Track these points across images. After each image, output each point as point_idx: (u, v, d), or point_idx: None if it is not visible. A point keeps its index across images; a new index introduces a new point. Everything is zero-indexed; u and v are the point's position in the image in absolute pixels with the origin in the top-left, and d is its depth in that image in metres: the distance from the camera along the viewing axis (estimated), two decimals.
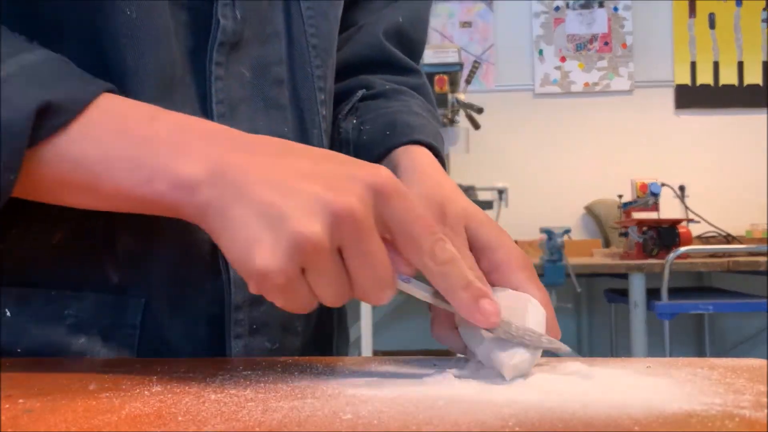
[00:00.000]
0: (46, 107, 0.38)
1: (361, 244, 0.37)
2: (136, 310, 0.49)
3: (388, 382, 0.37)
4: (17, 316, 0.47)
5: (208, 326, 0.51)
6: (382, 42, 0.69)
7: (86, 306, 0.48)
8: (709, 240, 2.73)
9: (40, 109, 0.38)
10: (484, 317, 0.39)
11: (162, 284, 0.49)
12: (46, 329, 0.47)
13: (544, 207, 3.14)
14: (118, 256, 0.49)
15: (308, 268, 0.37)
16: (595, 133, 3.24)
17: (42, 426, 0.29)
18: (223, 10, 0.51)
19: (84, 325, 0.48)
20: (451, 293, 0.39)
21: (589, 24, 3.27)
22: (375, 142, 0.60)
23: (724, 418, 0.29)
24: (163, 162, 0.39)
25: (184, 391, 0.36)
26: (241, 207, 0.37)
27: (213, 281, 0.51)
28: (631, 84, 3.25)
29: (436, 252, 0.38)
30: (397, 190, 0.38)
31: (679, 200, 2.84)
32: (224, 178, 0.38)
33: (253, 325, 0.52)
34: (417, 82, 0.70)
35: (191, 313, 0.50)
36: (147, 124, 0.41)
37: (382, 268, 0.38)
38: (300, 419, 0.30)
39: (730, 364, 0.41)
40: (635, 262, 2.33)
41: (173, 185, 0.39)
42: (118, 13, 0.46)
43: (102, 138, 0.40)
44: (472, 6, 3.29)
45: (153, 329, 0.49)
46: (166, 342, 0.49)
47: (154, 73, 0.47)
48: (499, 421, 0.28)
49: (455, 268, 0.39)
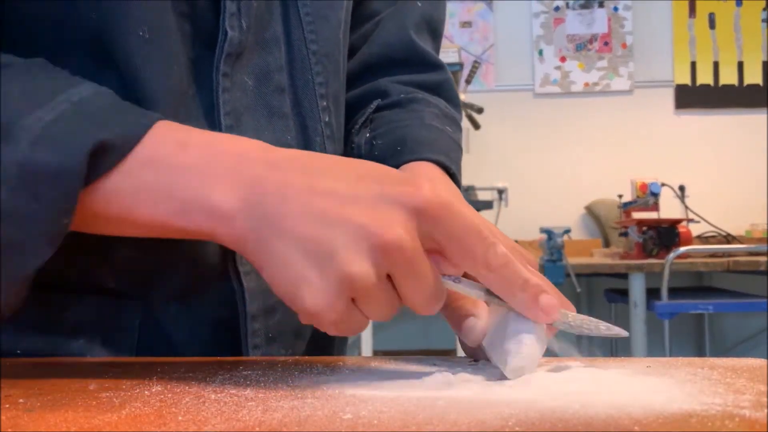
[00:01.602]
0: (99, 147, 0.37)
1: (412, 272, 0.37)
2: (135, 314, 0.49)
3: (388, 382, 0.37)
4: (17, 318, 0.47)
5: (214, 330, 0.51)
6: (411, 38, 0.67)
7: (86, 309, 0.48)
8: (709, 240, 2.74)
9: (94, 151, 0.37)
10: (545, 313, 0.39)
11: (166, 288, 0.49)
12: (46, 330, 0.47)
13: (544, 207, 3.14)
14: (119, 260, 0.48)
15: (358, 300, 0.37)
16: (595, 133, 3.24)
17: (42, 426, 0.29)
18: (231, 20, 0.50)
19: (83, 327, 0.48)
20: (510, 296, 0.39)
21: (589, 24, 3.27)
22: (385, 159, 0.59)
23: (724, 418, 0.29)
24: (195, 193, 0.38)
25: (184, 391, 0.36)
26: (282, 242, 0.36)
27: (220, 285, 0.51)
28: (631, 84, 3.25)
29: (490, 259, 0.38)
30: (442, 207, 0.37)
31: (679, 200, 2.85)
32: (261, 208, 0.37)
33: (269, 334, 0.52)
34: (440, 79, 0.68)
35: (196, 316, 0.50)
36: (178, 151, 0.39)
37: (433, 285, 0.38)
38: (300, 419, 0.30)
39: (730, 364, 0.41)
40: (635, 262, 2.33)
41: (208, 216, 0.38)
42: (133, 35, 0.45)
43: (134, 169, 0.39)
44: (472, 6, 3.29)
45: (153, 333, 0.49)
46: (166, 345, 0.49)
47: (166, 90, 0.46)
48: (499, 421, 0.28)
49: (510, 271, 0.38)
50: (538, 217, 2.94)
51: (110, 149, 0.38)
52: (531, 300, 0.39)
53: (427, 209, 0.37)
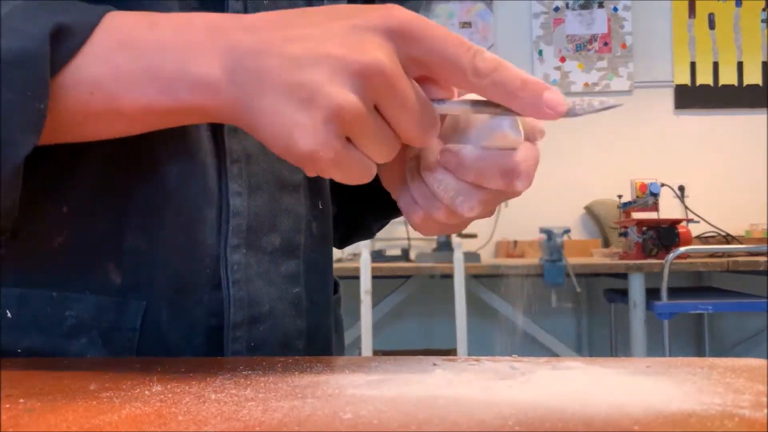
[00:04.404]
0: (58, 30, 0.37)
1: (396, 95, 0.36)
2: (136, 314, 0.49)
3: (388, 382, 0.37)
4: (18, 316, 0.47)
5: (207, 335, 0.51)
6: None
7: (87, 308, 0.48)
8: (709, 240, 2.74)
9: (54, 33, 0.37)
10: (552, 109, 0.37)
11: (163, 290, 0.49)
12: (47, 330, 0.47)
13: (544, 207, 3.14)
14: (119, 261, 0.48)
15: (352, 135, 0.37)
16: (595, 133, 3.24)
17: (42, 426, 0.29)
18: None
19: (84, 326, 0.48)
20: (510, 99, 0.37)
21: (588, 24, 3.27)
22: None
23: (724, 418, 0.29)
24: (175, 67, 0.38)
25: (184, 391, 0.36)
26: (268, 97, 0.36)
27: (213, 292, 0.51)
28: (630, 84, 3.25)
29: (478, 65, 0.37)
30: (416, 23, 0.36)
31: (678, 200, 2.85)
32: (241, 71, 0.37)
33: (251, 343, 0.52)
34: None
35: (190, 320, 0.50)
36: (149, 31, 0.39)
37: (421, 109, 0.37)
38: (300, 419, 0.30)
39: (730, 364, 0.41)
40: (635, 262, 2.33)
41: (193, 89, 0.38)
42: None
43: (109, 55, 0.39)
44: (472, 6, 3.29)
45: (153, 333, 0.49)
46: (165, 346, 0.49)
47: None
48: (499, 421, 0.28)
49: (504, 73, 0.37)
50: (537, 217, 2.94)
51: (70, 32, 0.38)
52: (535, 98, 0.37)
53: (402, 28, 0.36)
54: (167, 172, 0.48)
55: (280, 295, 0.54)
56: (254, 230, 0.52)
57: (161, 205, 0.49)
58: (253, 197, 0.52)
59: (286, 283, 0.55)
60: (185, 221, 0.49)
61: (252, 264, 0.52)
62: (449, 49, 0.37)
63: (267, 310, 0.53)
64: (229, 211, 0.50)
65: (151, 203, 0.48)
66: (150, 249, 0.49)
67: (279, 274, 0.54)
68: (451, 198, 0.41)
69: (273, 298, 0.53)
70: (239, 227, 0.51)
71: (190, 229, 0.49)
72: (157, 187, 0.48)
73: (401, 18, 0.36)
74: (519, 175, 0.40)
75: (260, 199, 0.52)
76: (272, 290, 0.53)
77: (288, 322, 0.55)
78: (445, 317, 2.83)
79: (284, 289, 0.54)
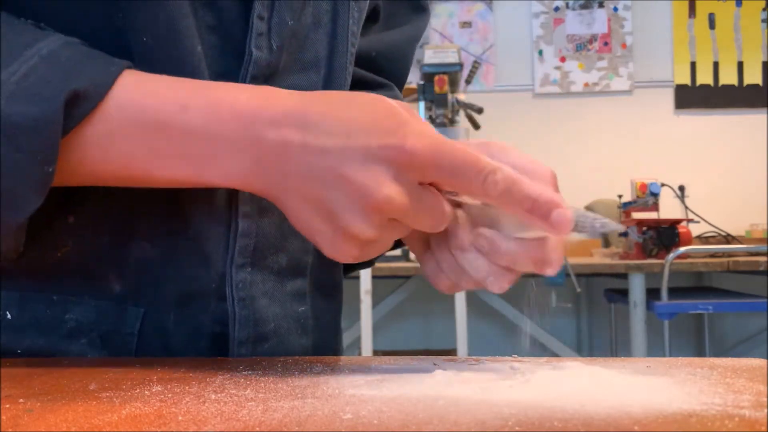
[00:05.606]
0: (73, 95, 0.39)
1: (407, 216, 0.40)
2: (135, 319, 0.48)
3: (388, 382, 0.37)
4: (18, 318, 0.47)
5: (210, 342, 0.50)
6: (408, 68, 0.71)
7: (86, 311, 0.48)
8: (709, 240, 2.73)
9: (69, 99, 0.39)
10: (557, 229, 0.39)
11: (168, 297, 0.49)
12: (47, 331, 0.47)
13: None
14: (122, 270, 0.48)
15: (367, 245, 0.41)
16: (595, 133, 3.24)
17: (42, 426, 0.29)
18: (257, 41, 0.48)
19: (84, 329, 0.48)
20: (521, 214, 0.40)
21: (588, 24, 3.27)
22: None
23: (724, 418, 0.29)
24: (207, 153, 0.41)
25: (184, 391, 0.36)
26: (291, 200, 0.41)
27: (219, 302, 0.50)
28: (630, 84, 3.25)
29: (488, 189, 0.39)
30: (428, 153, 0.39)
31: (678, 200, 2.84)
32: (267, 164, 0.41)
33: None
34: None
35: (195, 325, 0.50)
36: (180, 114, 0.41)
37: (433, 216, 0.41)
38: (300, 419, 0.30)
39: (730, 364, 0.41)
40: (635, 262, 2.33)
41: (224, 179, 0.42)
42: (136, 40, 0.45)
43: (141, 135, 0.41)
44: (472, 6, 3.29)
45: (152, 338, 0.49)
46: (168, 351, 0.49)
47: None
48: (499, 421, 0.28)
49: (515, 195, 0.39)
50: None
51: (84, 97, 0.39)
52: (543, 217, 0.39)
53: (413, 162, 0.39)
54: (177, 190, 0.48)
55: (285, 313, 0.54)
56: (261, 250, 0.51)
57: (169, 220, 0.49)
58: (263, 219, 0.51)
59: (292, 301, 0.54)
60: (192, 236, 0.49)
61: (257, 282, 0.51)
62: (461, 176, 0.39)
63: (272, 328, 0.52)
64: (238, 231, 0.50)
65: (158, 217, 0.48)
66: (155, 259, 0.48)
67: (284, 292, 0.54)
68: (483, 278, 0.43)
69: (278, 316, 0.53)
70: (246, 248, 0.51)
71: (197, 244, 0.49)
72: (166, 203, 0.48)
73: (413, 151, 0.39)
74: (551, 263, 0.42)
75: (269, 221, 0.52)
76: (277, 308, 0.53)
77: (293, 340, 0.54)
78: (445, 317, 2.83)
79: (289, 307, 0.54)
